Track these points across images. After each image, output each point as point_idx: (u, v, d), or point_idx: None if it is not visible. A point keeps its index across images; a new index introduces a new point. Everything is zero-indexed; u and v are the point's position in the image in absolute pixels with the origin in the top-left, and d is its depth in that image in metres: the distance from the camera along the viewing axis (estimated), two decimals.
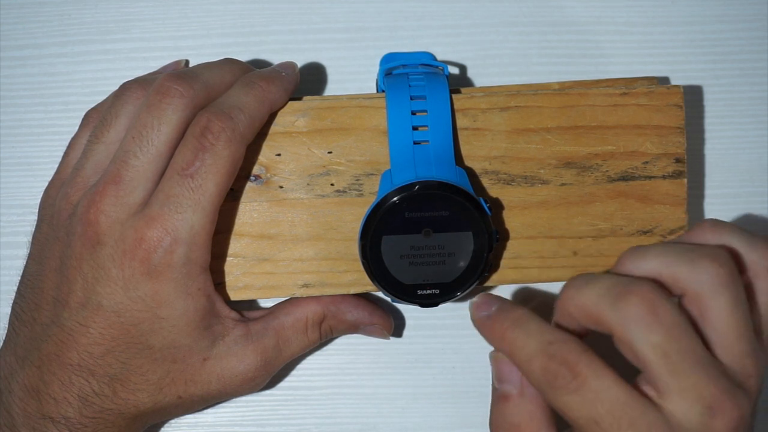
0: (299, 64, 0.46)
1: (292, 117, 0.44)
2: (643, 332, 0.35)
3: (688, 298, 0.36)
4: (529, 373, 0.36)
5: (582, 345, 0.36)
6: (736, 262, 0.37)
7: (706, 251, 0.37)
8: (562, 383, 0.35)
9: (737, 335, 0.36)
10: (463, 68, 0.51)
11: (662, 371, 0.35)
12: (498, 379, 0.38)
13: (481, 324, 0.38)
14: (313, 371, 0.50)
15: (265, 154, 0.44)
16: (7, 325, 0.43)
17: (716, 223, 0.39)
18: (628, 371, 0.36)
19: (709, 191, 0.51)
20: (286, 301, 0.45)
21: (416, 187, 0.41)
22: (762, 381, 0.37)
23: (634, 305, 0.35)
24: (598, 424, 0.35)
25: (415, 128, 0.42)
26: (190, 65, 0.45)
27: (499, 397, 0.38)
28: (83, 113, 0.45)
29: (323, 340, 0.46)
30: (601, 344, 0.37)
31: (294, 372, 0.50)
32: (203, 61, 0.44)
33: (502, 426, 0.38)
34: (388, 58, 0.47)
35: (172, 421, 0.49)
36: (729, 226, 0.39)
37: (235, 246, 0.44)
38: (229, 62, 0.44)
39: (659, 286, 0.36)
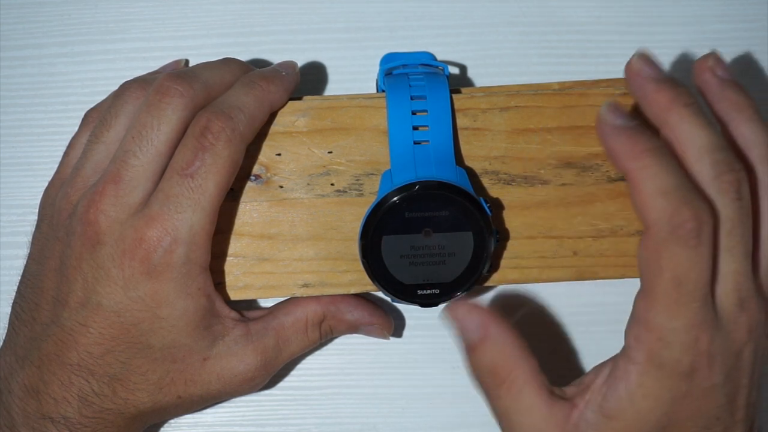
0: (299, 64, 0.46)
1: (292, 117, 0.44)
2: (725, 202, 0.36)
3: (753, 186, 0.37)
4: (650, 208, 0.35)
5: (714, 214, 0.35)
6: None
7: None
8: (684, 234, 0.34)
9: None
10: (463, 68, 0.51)
11: (723, 241, 0.36)
12: (459, 332, 0.38)
13: (612, 131, 0.37)
14: (313, 371, 0.50)
15: (266, 154, 0.44)
16: (7, 325, 0.43)
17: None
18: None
19: None
20: (286, 300, 0.45)
21: (416, 187, 0.41)
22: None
23: (730, 184, 0.36)
24: (683, 285, 0.35)
25: (415, 128, 0.42)
26: (190, 65, 0.45)
27: (467, 349, 0.38)
28: (83, 113, 0.45)
29: (323, 340, 0.46)
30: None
31: (294, 372, 0.50)
32: (203, 61, 0.44)
33: (481, 375, 0.38)
34: (388, 58, 0.47)
35: (172, 421, 0.49)
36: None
37: (235, 246, 0.44)
38: (229, 62, 0.44)
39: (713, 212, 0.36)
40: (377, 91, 0.48)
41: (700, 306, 0.35)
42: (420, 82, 0.43)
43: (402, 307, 0.50)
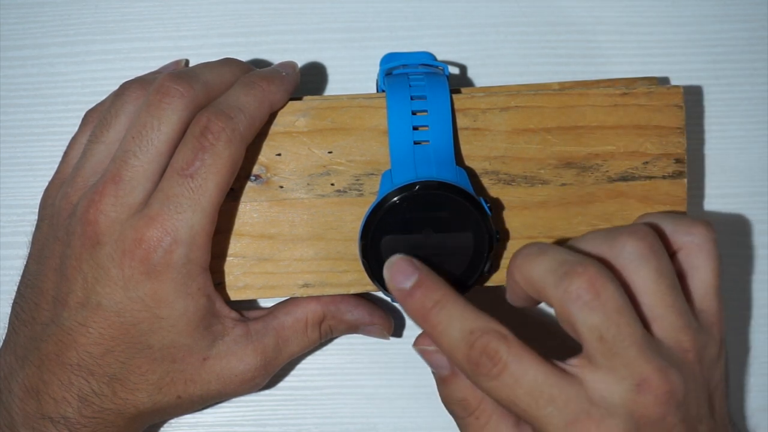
0: (299, 64, 0.46)
1: (292, 117, 0.44)
2: (583, 313, 0.36)
3: (614, 274, 0.37)
4: (452, 359, 0.38)
5: (502, 332, 0.37)
6: (660, 238, 0.38)
7: (625, 228, 0.38)
8: (483, 371, 0.36)
9: (666, 306, 0.37)
10: (463, 68, 0.51)
11: (596, 352, 0.36)
12: (430, 365, 0.40)
13: (400, 297, 0.39)
14: (313, 371, 0.50)
15: (266, 154, 0.44)
16: (7, 325, 0.43)
17: (647, 214, 0.41)
18: None
19: (709, 191, 0.51)
20: (286, 300, 0.45)
21: (416, 187, 0.41)
22: (701, 354, 0.37)
23: (578, 286, 0.36)
24: (518, 405, 0.36)
25: (415, 128, 0.42)
26: (190, 65, 0.45)
27: (438, 380, 0.40)
28: (83, 113, 0.45)
29: (323, 340, 0.46)
30: None
31: (294, 372, 0.50)
32: (203, 61, 0.44)
33: (451, 404, 0.40)
34: (388, 58, 0.47)
35: (172, 421, 0.49)
36: (659, 213, 0.41)
37: (235, 246, 0.44)
38: (229, 62, 0.44)
39: (605, 267, 0.37)
40: (377, 91, 0.48)
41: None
42: (420, 82, 0.43)
43: (402, 307, 0.50)
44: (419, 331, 0.50)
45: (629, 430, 0.35)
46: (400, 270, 0.39)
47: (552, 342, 0.40)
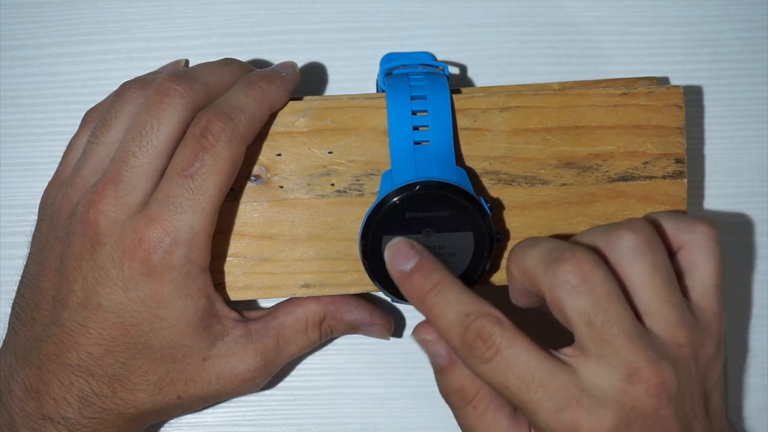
0: (299, 64, 0.46)
1: (292, 117, 0.44)
2: (571, 298, 0.36)
3: (610, 266, 0.37)
4: (448, 341, 0.38)
5: (497, 316, 0.37)
6: (662, 237, 0.38)
7: (623, 223, 0.38)
8: (477, 353, 0.36)
9: (660, 300, 0.37)
10: (463, 68, 0.51)
11: (587, 339, 0.36)
12: (428, 354, 0.39)
13: (399, 279, 0.39)
14: (313, 371, 0.50)
15: (266, 154, 0.44)
16: (7, 325, 0.43)
17: (651, 213, 0.41)
18: None
19: (709, 191, 0.51)
20: (286, 301, 0.45)
21: (417, 187, 0.41)
22: (697, 350, 0.37)
23: (566, 271, 0.36)
24: (510, 389, 0.36)
25: (415, 128, 0.42)
26: (190, 65, 0.45)
27: (436, 370, 0.40)
28: (83, 113, 0.45)
29: (323, 340, 0.46)
30: None
31: (294, 372, 0.50)
32: (203, 61, 0.44)
33: (448, 393, 0.40)
34: (388, 58, 0.47)
35: (172, 421, 0.49)
36: (663, 212, 0.40)
37: (235, 246, 0.44)
38: (229, 62, 0.44)
39: (595, 253, 0.37)
40: (377, 91, 0.48)
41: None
42: (420, 82, 0.43)
43: (402, 307, 0.50)
44: None
45: (620, 420, 0.35)
46: (400, 252, 0.39)
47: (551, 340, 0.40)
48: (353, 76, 0.51)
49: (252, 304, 0.49)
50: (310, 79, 0.51)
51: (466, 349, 0.37)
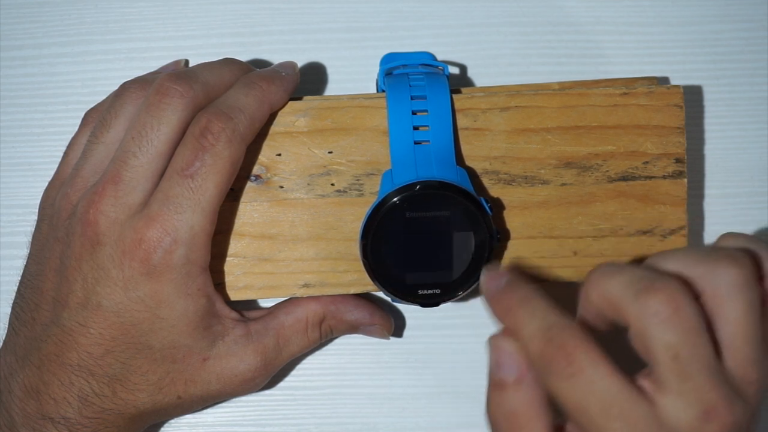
0: (299, 64, 0.46)
1: (292, 117, 0.44)
2: (659, 330, 0.35)
3: (704, 298, 0.36)
4: (528, 353, 0.36)
5: (583, 332, 0.35)
6: (756, 267, 0.37)
7: (727, 252, 0.37)
8: (557, 368, 0.35)
9: (745, 340, 0.36)
10: (463, 68, 0.51)
11: (669, 372, 0.35)
12: (496, 365, 0.37)
13: (490, 296, 0.38)
14: (313, 371, 0.50)
15: (266, 154, 0.44)
16: (7, 325, 0.43)
17: (737, 234, 0.39)
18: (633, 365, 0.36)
19: (709, 191, 0.51)
20: (286, 300, 0.45)
21: (417, 187, 0.41)
22: (764, 390, 0.37)
23: (657, 301, 0.35)
24: (587, 412, 0.35)
25: (415, 128, 0.42)
26: (190, 65, 0.45)
27: (496, 385, 0.37)
28: (83, 113, 0.45)
29: (323, 340, 0.46)
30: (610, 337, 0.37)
31: (294, 372, 0.50)
32: (203, 61, 0.44)
33: (499, 414, 0.37)
34: (388, 58, 0.47)
35: (172, 421, 0.49)
36: (748, 236, 0.39)
37: (235, 246, 0.44)
38: (229, 62, 0.44)
39: (685, 285, 0.36)
40: (377, 91, 0.48)
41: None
42: (420, 82, 0.43)
43: (402, 307, 0.50)
44: (419, 331, 0.50)
45: None
46: (494, 274, 0.38)
47: None
48: (353, 76, 0.51)
49: (252, 304, 0.49)
50: (310, 79, 0.51)
51: (545, 362, 0.35)
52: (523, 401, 0.37)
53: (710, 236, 0.50)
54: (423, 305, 0.43)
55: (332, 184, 0.44)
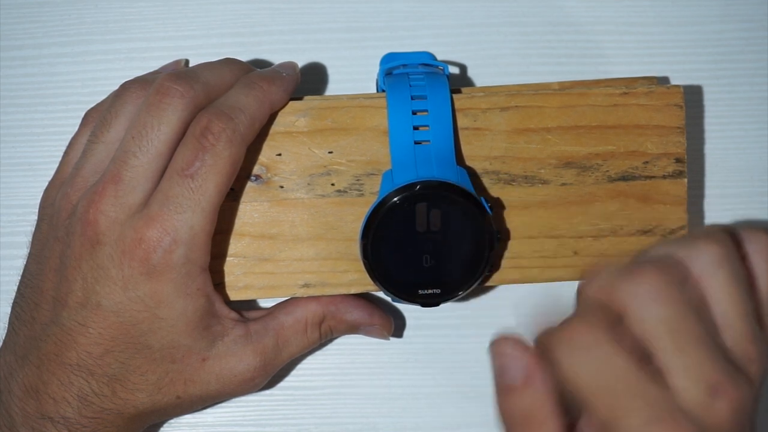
0: (299, 64, 0.46)
1: (292, 117, 0.44)
2: (653, 306, 0.35)
3: (692, 280, 0.36)
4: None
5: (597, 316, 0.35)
6: (735, 245, 0.37)
7: (705, 232, 0.37)
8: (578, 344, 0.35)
9: (738, 315, 0.36)
10: (463, 68, 0.51)
11: (668, 347, 0.35)
12: (501, 370, 0.36)
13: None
14: (313, 371, 0.50)
15: (266, 154, 0.44)
16: (7, 325, 0.43)
17: (717, 224, 0.39)
18: None
19: (709, 191, 0.51)
20: (285, 301, 0.45)
21: (417, 187, 0.41)
22: (765, 371, 0.37)
23: (647, 280, 0.35)
24: (602, 392, 0.34)
25: (415, 128, 0.42)
26: (190, 65, 0.45)
27: (504, 390, 0.36)
28: (83, 113, 0.45)
29: (323, 340, 0.46)
30: None
31: (294, 372, 0.50)
32: (203, 61, 0.44)
33: (512, 417, 0.37)
34: (388, 58, 0.47)
35: (172, 421, 0.49)
36: (727, 224, 0.39)
37: (235, 246, 0.44)
38: (229, 62, 0.44)
39: (670, 266, 0.36)
40: (377, 91, 0.48)
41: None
42: (420, 82, 0.43)
43: (402, 307, 0.50)
44: (419, 331, 0.50)
45: None
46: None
47: None
48: (353, 76, 0.51)
49: (252, 304, 0.49)
50: (310, 79, 0.51)
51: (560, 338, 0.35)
52: (534, 402, 0.36)
53: None
54: (423, 305, 0.43)
55: (332, 184, 0.44)
